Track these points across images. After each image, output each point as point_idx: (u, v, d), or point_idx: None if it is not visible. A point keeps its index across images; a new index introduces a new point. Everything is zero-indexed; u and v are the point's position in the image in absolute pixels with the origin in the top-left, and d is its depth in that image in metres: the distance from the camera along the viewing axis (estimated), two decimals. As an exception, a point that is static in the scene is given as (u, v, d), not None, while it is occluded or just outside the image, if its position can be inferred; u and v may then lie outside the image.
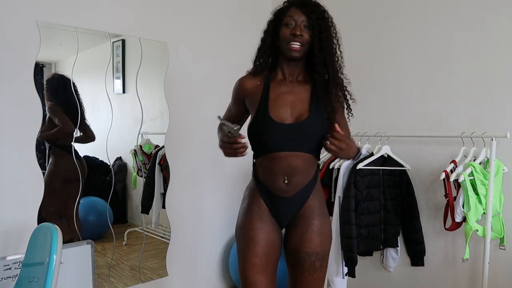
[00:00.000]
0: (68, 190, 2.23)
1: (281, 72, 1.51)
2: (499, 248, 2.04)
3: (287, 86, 1.49)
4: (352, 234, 2.18)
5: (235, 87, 1.59)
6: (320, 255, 1.47)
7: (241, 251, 1.50)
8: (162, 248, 2.55)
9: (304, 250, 1.47)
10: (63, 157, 2.17)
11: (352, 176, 2.23)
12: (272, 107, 1.45)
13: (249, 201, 1.52)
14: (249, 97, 1.53)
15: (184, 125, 2.58)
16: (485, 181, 1.95)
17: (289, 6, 1.45)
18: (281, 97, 1.46)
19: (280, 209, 1.49)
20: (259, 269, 1.44)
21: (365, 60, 2.59)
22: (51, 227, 1.49)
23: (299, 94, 1.47)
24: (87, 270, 2.05)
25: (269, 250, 1.47)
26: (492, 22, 2.07)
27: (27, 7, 1.94)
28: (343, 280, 2.32)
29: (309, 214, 1.48)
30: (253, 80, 1.53)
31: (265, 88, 1.49)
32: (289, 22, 1.42)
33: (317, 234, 1.47)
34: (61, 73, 2.15)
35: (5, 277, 1.80)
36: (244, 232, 1.49)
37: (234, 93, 1.60)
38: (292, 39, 1.40)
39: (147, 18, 2.38)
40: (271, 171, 1.45)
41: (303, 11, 1.42)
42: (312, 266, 1.46)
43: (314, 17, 1.41)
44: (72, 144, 2.17)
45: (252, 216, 1.49)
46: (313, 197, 1.49)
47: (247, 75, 1.56)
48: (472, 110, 2.15)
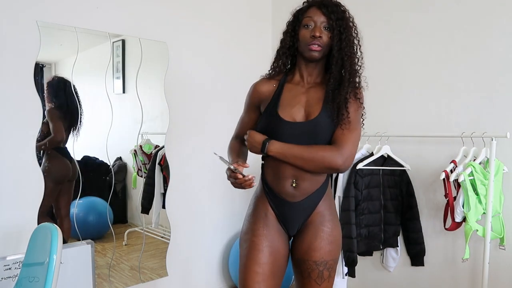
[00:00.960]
0: (60, 191, 2.22)
1: (299, 74, 1.47)
2: (499, 248, 2.04)
3: (303, 87, 1.45)
4: (352, 234, 2.19)
5: (250, 93, 1.53)
6: (328, 264, 1.42)
7: (242, 258, 1.43)
8: (162, 248, 2.55)
9: (312, 259, 1.41)
10: (56, 159, 2.16)
11: (352, 176, 2.23)
12: (283, 106, 1.42)
13: (256, 206, 1.48)
14: (264, 100, 1.48)
15: (184, 125, 2.58)
16: (485, 181, 1.95)
17: (308, 6, 1.41)
18: (295, 97, 1.43)
19: (287, 215, 1.44)
20: (260, 279, 1.37)
21: (365, 60, 2.58)
22: (51, 227, 1.49)
23: (314, 94, 1.43)
24: (87, 270, 2.05)
25: (273, 259, 1.40)
26: (492, 22, 2.07)
27: (27, 7, 1.95)
28: (343, 280, 2.32)
29: (318, 222, 1.43)
30: (268, 83, 1.49)
31: (279, 88, 1.46)
32: (309, 23, 1.38)
33: (327, 242, 1.41)
34: (61, 76, 2.15)
35: (5, 277, 1.80)
36: (248, 238, 1.43)
37: (248, 99, 1.54)
38: (312, 41, 1.37)
39: (147, 18, 2.38)
40: (279, 172, 1.41)
41: (323, 11, 1.37)
42: (320, 276, 1.41)
43: (334, 17, 1.37)
44: (66, 146, 2.17)
45: (257, 222, 1.44)
46: (323, 203, 1.44)
47: (262, 80, 1.52)
48: (472, 110, 2.15)
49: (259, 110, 1.52)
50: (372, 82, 2.55)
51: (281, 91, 1.45)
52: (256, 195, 1.51)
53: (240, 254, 1.46)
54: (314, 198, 1.43)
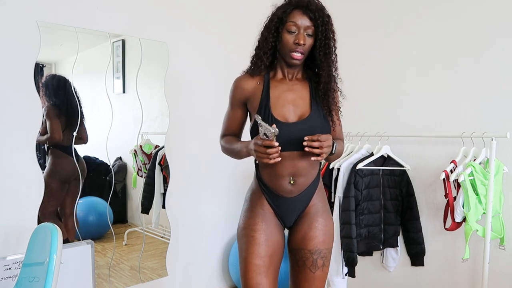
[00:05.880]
0: (66, 190, 2.23)
1: (281, 72, 1.50)
2: (499, 248, 2.04)
3: (287, 84, 1.49)
4: (352, 234, 2.19)
5: (233, 89, 1.54)
6: (322, 253, 1.48)
7: (242, 252, 1.47)
8: (162, 248, 2.55)
9: (307, 248, 1.47)
10: (61, 157, 2.17)
11: (352, 176, 2.23)
12: (274, 106, 1.44)
13: (252, 202, 1.51)
14: (250, 97, 1.50)
15: (184, 125, 2.58)
16: (485, 181, 1.95)
17: (293, 8, 1.40)
18: (282, 96, 1.46)
19: (285, 210, 1.49)
20: (261, 271, 1.42)
21: (365, 60, 2.59)
22: (51, 227, 1.49)
23: (299, 92, 1.47)
24: (87, 270, 2.05)
25: (272, 252, 1.45)
26: (492, 22, 2.07)
27: (27, 7, 1.95)
28: (343, 280, 2.32)
29: (313, 213, 1.49)
30: (251, 80, 1.50)
31: (265, 87, 1.47)
32: (292, 29, 1.40)
33: (321, 232, 1.48)
34: (60, 74, 2.15)
35: (5, 277, 1.80)
36: (247, 233, 1.47)
37: (232, 95, 1.54)
38: (295, 48, 1.40)
39: (147, 18, 2.38)
40: (276, 172, 1.44)
41: (309, 16, 1.39)
42: (314, 264, 1.47)
43: (320, 22, 1.39)
44: (72, 145, 2.18)
45: (255, 217, 1.48)
46: (316, 196, 1.50)
47: (245, 75, 1.52)
48: (472, 110, 2.15)
49: (245, 106, 1.53)
50: (372, 82, 2.57)
51: (268, 90, 1.46)
52: (252, 191, 1.54)
53: (239, 248, 1.50)
54: (309, 191, 1.49)
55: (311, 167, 1.46)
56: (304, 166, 1.44)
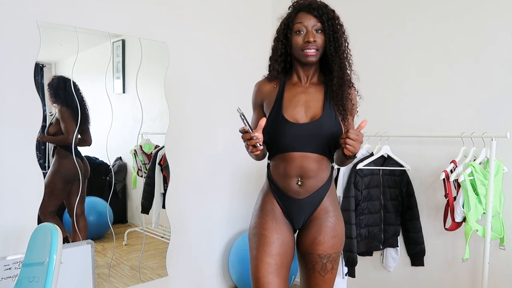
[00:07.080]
0: (68, 191, 2.23)
1: (296, 76, 1.52)
2: (499, 248, 2.04)
3: (302, 87, 1.50)
4: (352, 234, 2.19)
5: (253, 92, 1.59)
6: (332, 257, 1.47)
7: (253, 251, 1.47)
8: (162, 248, 2.55)
9: (316, 252, 1.46)
10: (66, 158, 2.18)
11: (352, 176, 2.24)
12: (286, 107, 1.46)
13: (263, 201, 1.52)
14: (266, 100, 1.53)
15: (184, 125, 2.58)
16: (485, 181, 1.95)
17: (297, 11, 1.43)
18: (296, 98, 1.47)
19: (293, 211, 1.49)
20: (273, 269, 1.41)
21: (365, 60, 2.58)
22: (51, 227, 1.49)
23: (313, 95, 1.48)
24: (87, 270, 2.05)
25: (283, 251, 1.45)
26: (492, 22, 2.07)
27: (27, 7, 1.95)
28: (343, 280, 2.32)
29: (322, 217, 1.48)
30: (269, 83, 1.54)
31: (280, 90, 1.50)
32: (300, 29, 1.41)
33: (330, 236, 1.46)
34: (67, 76, 2.15)
35: (5, 277, 1.80)
36: (258, 232, 1.48)
37: (253, 99, 1.60)
38: (306, 46, 1.41)
39: (147, 18, 2.38)
40: (284, 171, 1.45)
41: (314, 14, 1.40)
42: (324, 268, 1.47)
43: (325, 18, 1.40)
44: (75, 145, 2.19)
45: (266, 216, 1.49)
46: (327, 199, 1.49)
47: (264, 80, 1.57)
48: (472, 110, 2.15)
49: (263, 108, 1.56)
50: (373, 82, 2.56)
51: (282, 92, 1.49)
52: (263, 191, 1.56)
53: (250, 247, 1.50)
54: (319, 194, 1.47)
55: (320, 169, 1.45)
56: (313, 168, 1.43)
